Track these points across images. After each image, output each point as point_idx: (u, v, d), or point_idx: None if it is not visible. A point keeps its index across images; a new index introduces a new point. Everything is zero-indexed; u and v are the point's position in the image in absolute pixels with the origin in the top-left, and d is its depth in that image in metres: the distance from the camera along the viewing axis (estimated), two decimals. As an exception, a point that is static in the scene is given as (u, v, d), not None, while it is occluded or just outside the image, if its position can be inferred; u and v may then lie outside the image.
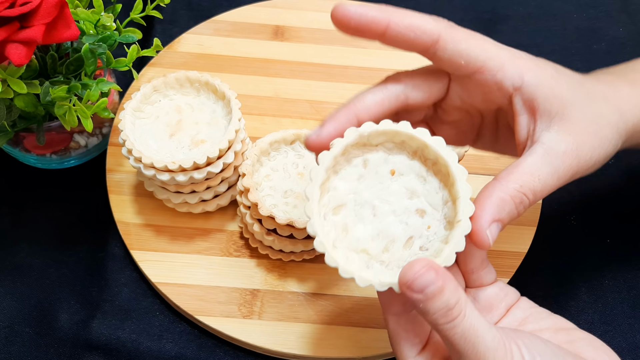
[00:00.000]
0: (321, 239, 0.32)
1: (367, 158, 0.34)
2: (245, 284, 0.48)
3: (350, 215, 0.33)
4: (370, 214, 0.34)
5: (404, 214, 0.34)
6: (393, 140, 0.34)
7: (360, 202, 0.34)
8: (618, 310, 0.50)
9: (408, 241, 0.33)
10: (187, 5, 0.66)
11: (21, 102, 0.43)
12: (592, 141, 0.35)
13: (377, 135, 0.34)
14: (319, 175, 0.33)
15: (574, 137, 0.35)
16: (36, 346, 0.46)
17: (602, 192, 0.56)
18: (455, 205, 0.33)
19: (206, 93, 0.49)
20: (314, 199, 0.32)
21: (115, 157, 0.53)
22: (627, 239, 0.53)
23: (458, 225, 0.32)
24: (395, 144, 0.34)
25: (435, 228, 0.33)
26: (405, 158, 0.34)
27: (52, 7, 0.40)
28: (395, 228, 0.33)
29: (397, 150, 0.34)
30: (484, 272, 0.36)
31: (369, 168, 0.34)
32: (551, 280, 0.51)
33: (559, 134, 0.35)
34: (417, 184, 0.34)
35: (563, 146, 0.35)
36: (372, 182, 0.34)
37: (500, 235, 0.51)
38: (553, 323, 0.35)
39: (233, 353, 0.47)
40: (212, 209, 0.50)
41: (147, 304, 0.48)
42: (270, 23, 0.62)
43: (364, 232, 0.33)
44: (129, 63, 0.47)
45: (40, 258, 0.50)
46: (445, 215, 0.34)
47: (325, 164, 0.33)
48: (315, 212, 0.32)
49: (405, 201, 0.34)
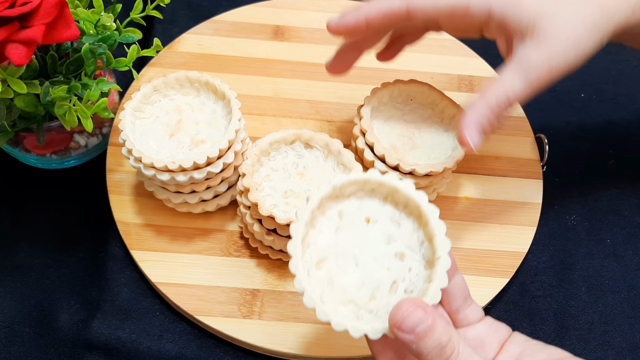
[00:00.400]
0: (310, 294, 0.32)
1: (342, 209, 0.35)
2: (245, 284, 0.48)
3: (333, 268, 0.34)
4: (352, 263, 0.34)
5: (384, 259, 0.34)
6: (364, 189, 0.35)
7: (341, 253, 0.34)
8: (618, 310, 0.50)
9: (392, 286, 0.34)
10: (187, 5, 0.66)
11: (21, 102, 0.43)
12: (564, 47, 0.38)
13: (349, 185, 0.35)
14: (299, 231, 0.33)
15: (545, 46, 0.37)
16: (36, 346, 0.46)
17: (602, 192, 0.56)
18: (432, 243, 0.34)
19: (206, 93, 0.49)
20: (297, 255, 0.33)
21: (115, 157, 0.53)
22: (627, 239, 0.53)
23: (438, 262, 0.33)
24: (366, 192, 0.36)
25: (416, 269, 0.34)
26: (378, 204, 0.36)
27: (52, 7, 0.40)
28: (378, 274, 0.34)
29: (369, 198, 0.36)
30: (470, 310, 0.36)
31: (344, 219, 0.35)
32: (551, 280, 0.51)
33: (531, 46, 0.38)
34: (393, 228, 0.35)
35: (534, 58, 0.38)
36: (349, 232, 0.35)
37: (500, 235, 0.51)
38: (549, 354, 0.35)
39: (233, 353, 0.47)
40: (212, 209, 0.50)
41: (147, 304, 0.48)
42: (270, 23, 0.62)
43: (349, 282, 0.34)
44: (129, 63, 0.47)
45: (40, 258, 0.50)
46: (424, 255, 0.34)
47: (304, 219, 0.34)
48: (300, 268, 0.33)
49: (383, 246, 0.35)
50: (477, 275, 0.49)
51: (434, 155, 0.47)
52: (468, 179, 0.54)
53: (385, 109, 0.49)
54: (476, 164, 0.55)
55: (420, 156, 0.47)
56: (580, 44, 0.38)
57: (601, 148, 0.59)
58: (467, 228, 0.51)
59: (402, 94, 0.50)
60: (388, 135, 0.48)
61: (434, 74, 0.60)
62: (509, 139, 0.57)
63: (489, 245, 0.50)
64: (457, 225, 0.52)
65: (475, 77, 0.60)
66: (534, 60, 0.38)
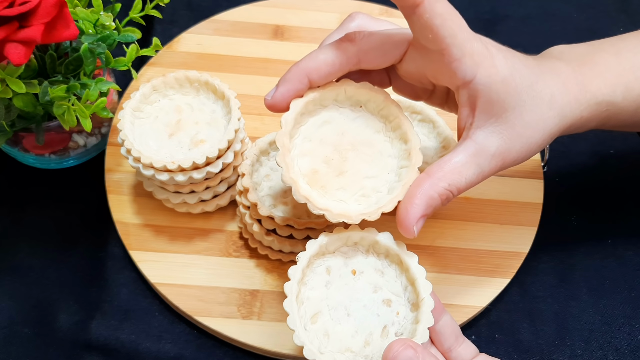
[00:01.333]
0: (309, 347, 0.35)
1: (329, 265, 0.38)
2: (245, 285, 0.48)
3: (327, 321, 0.37)
4: (345, 314, 0.37)
5: (373, 307, 0.37)
6: (347, 244, 0.39)
7: (333, 305, 0.37)
8: (619, 311, 0.50)
9: (384, 330, 0.37)
10: (187, 4, 0.66)
11: (20, 102, 0.43)
12: (520, 146, 0.38)
13: (334, 241, 0.38)
14: (293, 289, 0.36)
15: (504, 141, 0.37)
16: (35, 346, 0.46)
17: (602, 192, 0.56)
18: (415, 287, 0.37)
19: (206, 93, 0.49)
20: (294, 312, 0.36)
21: (114, 157, 0.53)
22: (627, 239, 0.53)
23: (423, 303, 0.36)
24: (349, 247, 0.39)
25: (403, 312, 0.37)
26: (361, 256, 0.39)
27: (51, 7, 0.40)
28: (369, 321, 0.37)
29: (352, 252, 0.39)
30: (462, 348, 0.38)
31: (332, 274, 0.38)
32: (551, 281, 0.51)
33: (491, 136, 0.37)
34: (377, 277, 0.38)
35: (492, 148, 0.37)
36: (338, 285, 0.38)
37: (500, 235, 0.51)
38: None
39: (232, 354, 0.46)
40: (212, 209, 0.50)
41: (146, 305, 0.48)
42: (270, 23, 0.62)
43: (344, 332, 0.37)
44: (128, 63, 0.47)
45: (40, 258, 0.50)
46: (409, 299, 0.38)
47: (296, 278, 0.37)
48: (298, 324, 0.36)
49: (371, 295, 0.38)
50: (478, 275, 0.49)
51: (361, 191, 0.39)
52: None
53: (324, 112, 0.40)
54: (476, 164, 0.55)
55: (345, 186, 0.39)
56: (535, 145, 0.38)
57: (601, 148, 0.59)
58: (467, 228, 0.51)
59: (350, 99, 0.40)
60: (314, 149, 0.39)
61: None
62: (509, 139, 0.57)
63: (489, 246, 0.50)
64: (457, 226, 0.51)
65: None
66: (492, 152, 0.37)
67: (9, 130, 0.46)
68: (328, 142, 0.39)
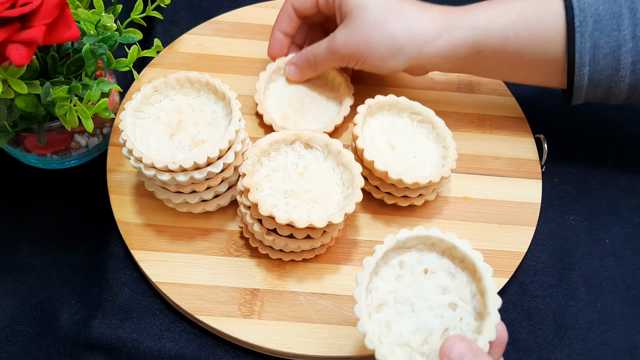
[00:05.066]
0: (371, 337, 0.36)
1: (403, 259, 0.39)
2: (246, 284, 0.48)
3: (392, 313, 0.38)
4: (409, 310, 0.38)
5: (438, 308, 0.38)
6: (424, 243, 0.39)
7: (400, 299, 0.38)
8: (617, 310, 0.50)
9: (444, 333, 0.37)
10: (188, 6, 0.66)
11: (22, 103, 0.43)
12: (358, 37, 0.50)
13: (412, 239, 0.39)
14: (365, 279, 0.37)
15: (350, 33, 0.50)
16: (37, 346, 0.46)
17: (601, 192, 0.56)
18: (484, 298, 0.37)
19: (206, 93, 0.49)
20: (362, 300, 0.36)
21: (116, 157, 0.53)
22: (626, 238, 0.53)
23: (488, 317, 0.36)
24: (426, 245, 0.40)
25: (467, 319, 0.38)
26: (436, 257, 0.40)
27: (52, 8, 0.40)
28: (432, 322, 0.38)
29: (428, 251, 0.40)
30: None
31: (404, 268, 0.39)
32: (550, 280, 0.51)
33: (343, 28, 0.51)
34: (448, 280, 0.39)
35: (340, 38, 0.51)
36: (408, 281, 0.39)
37: (499, 235, 0.51)
38: None
39: (233, 352, 0.47)
40: (213, 209, 0.50)
41: (148, 304, 0.48)
42: (270, 23, 0.62)
43: (405, 327, 0.38)
44: (130, 63, 0.47)
45: (41, 258, 0.50)
46: (475, 307, 0.38)
47: (369, 269, 0.38)
48: (364, 313, 0.36)
49: (439, 296, 0.38)
50: (477, 275, 0.49)
51: (321, 120, 0.55)
52: (467, 179, 0.54)
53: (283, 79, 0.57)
54: (476, 164, 0.55)
55: (309, 121, 0.54)
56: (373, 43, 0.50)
57: (600, 148, 0.59)
58: (466, 228, 0.52)
59: None
60: (282, 103, 0.56)
61: (433, 74, 0.60)
62: (509, 139, 0.57)
63: (488, 245, 0.51)
64: (456, 225, 0.52)
65: (475, 78, 0.60)
66: (340, 40, 0.51)
67: (11, 130, 0.46)
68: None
